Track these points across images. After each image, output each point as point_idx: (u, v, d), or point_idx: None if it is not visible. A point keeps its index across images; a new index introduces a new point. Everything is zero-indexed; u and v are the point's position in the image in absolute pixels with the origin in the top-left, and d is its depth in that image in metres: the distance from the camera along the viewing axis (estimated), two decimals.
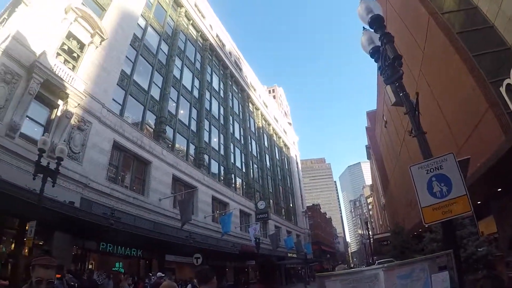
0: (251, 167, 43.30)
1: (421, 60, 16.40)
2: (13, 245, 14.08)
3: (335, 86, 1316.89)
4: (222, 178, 34.61)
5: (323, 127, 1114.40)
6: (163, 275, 15.88)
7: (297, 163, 72.08)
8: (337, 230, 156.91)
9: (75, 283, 12.35)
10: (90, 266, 17.35)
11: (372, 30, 5.42)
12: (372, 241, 43.31)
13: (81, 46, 19.10)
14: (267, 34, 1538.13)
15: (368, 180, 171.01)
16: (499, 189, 13.10)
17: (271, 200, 48.00)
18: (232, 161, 37.79)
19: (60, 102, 16.66)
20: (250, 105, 50.94)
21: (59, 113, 16.51)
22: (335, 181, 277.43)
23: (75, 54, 18.73)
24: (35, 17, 16.35)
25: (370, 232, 50.92)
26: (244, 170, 41.20)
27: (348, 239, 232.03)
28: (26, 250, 12.79)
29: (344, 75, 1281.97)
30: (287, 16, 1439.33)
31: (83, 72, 18.44)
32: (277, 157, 58.44)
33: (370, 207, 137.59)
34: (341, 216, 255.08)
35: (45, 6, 16.94)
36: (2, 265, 12.60)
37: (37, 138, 13.92)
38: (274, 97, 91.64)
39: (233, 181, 36.86)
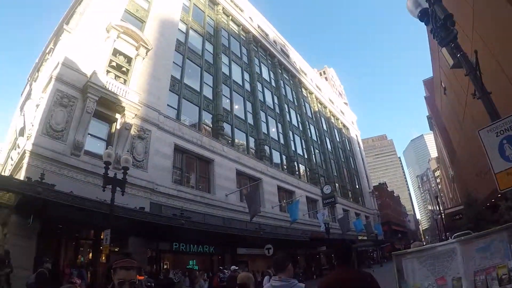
0: (313, 152, 41.62)
1: (472, 17, 14.10)
2: (90, 254, 14.73)
3: (388, 58, 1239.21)
4: (285, 166, 33.68)
5: (380, 103, 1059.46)
6: (237, 268, 15.57)
7: (358, 143, 68.53)
8: (406, 208, 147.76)
9: (151, 283, 12.41)
10: (165, 266, 17.71)
11: None
12: (443, 216, 39.83)
13: (128, 60, 19.40)
14: (307, 16, 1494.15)
15: (434, 153, 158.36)
16: None
17: (336, 184, 45.89)
18: (293, 148, 36.48)
19: (117, 115, 17.05)
20: (303, 90, 48.96)
21: (118, 126, 16.92)
22: (399, 157, 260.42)
23: (124, 69, 19.07)
24: (79, 42, 16.84)
25: (440, 207, 46.92)
26: (306, 156, 39.67)
27: (418, 216, 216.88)
28: (104, 258, 13.35)
29: (396, 44, 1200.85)
30: None
31: (135, 84, 18.70)
32: (337, 139, 55.76)
33: (438, 180, 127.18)
34: (409, 193, 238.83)
35: (87, 29, 17.43)
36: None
37: (101, 153, 14.23)
38: (326, 79, 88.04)
39: (296, 168, 35.60)
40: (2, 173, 19.35)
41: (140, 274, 10.16)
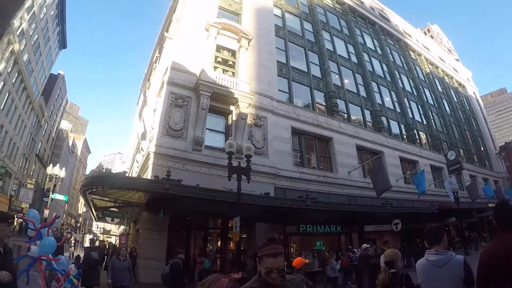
0: (431, 117, 34.20)
1: None
2: (219, 242, 14.25)
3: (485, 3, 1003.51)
4: (404, 136, 28.31)
5: (491, 53, 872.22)
6: (368, 246, 13.29)
7: (477, 101, 55.20)
8: None
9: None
10: (291, 249, 16.71)
11: None
12: None
13: (233, 53, 18.43)
14: None
15: None
16: None
17: (460, 148, 37.31)
18: (411, 116, 30.38)
19: (232, 107, 16.18)
20: (411, 53, 40.72)
21: (234, 117, 16.09)
22: None
23: (230, 62, 18.17)
24: (182, 45, 16.46)
25: None
26: (425, 122, 32.85)
27: None
28: (232, 245, 12.68)
29: None
30: None
31: (243, 75, 17.53)
32: (455, 99, 45.18)
33: None
34: None
35: (187, 32, 16.99)
36: (211, 261, 12.93)
37: (220, 145, 13.54)
38: (431, 37, 73.66)
39: (417, 136, 29.60)
40: (130, 176, 20.49)
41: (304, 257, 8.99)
